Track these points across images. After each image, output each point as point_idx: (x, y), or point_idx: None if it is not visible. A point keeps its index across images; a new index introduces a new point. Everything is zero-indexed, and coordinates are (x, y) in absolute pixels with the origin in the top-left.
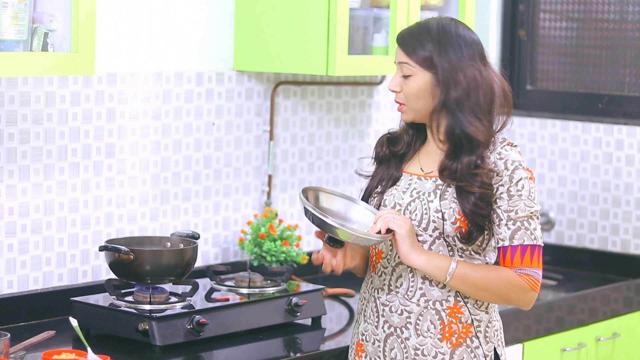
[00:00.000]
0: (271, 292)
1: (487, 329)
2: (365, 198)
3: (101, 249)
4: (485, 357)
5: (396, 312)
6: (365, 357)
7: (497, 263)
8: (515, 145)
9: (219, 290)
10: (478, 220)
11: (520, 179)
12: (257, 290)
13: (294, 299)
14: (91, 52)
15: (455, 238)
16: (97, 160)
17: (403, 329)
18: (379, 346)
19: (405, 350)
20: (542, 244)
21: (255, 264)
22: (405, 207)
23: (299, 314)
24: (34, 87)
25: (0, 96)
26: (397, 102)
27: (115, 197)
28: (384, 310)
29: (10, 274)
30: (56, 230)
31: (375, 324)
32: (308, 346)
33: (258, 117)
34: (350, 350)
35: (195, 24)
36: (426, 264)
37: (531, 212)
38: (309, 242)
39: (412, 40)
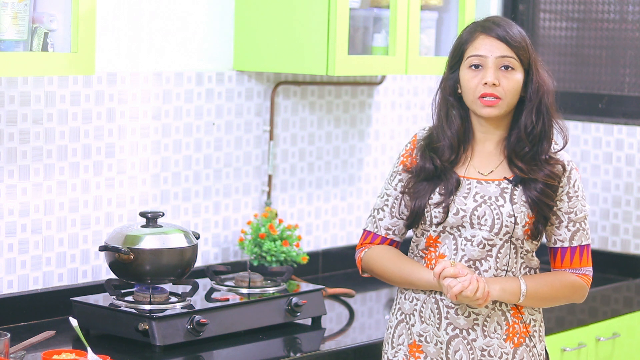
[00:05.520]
0: (271, 292)
1: (540, 328)
2: (418, 218)
3: (101, 249)
4: (539, 356)
5: (463, 314)
6: (425, 358)
7: (548, 262)
8: (557, 143)
9: (219, 290)
10: (544, 210)
11: (576, 179)
12: (257, 290)
13: (294, 299)
14: (91, 52)
15: (523, 240)
16: (97, 160)
17: (470, 330)
18: (441, 348)
19: (471, 352)
20: None
21: (255, 264)
22: (472, 213)
23: (299, 314)
24: (34, 87)
25: (0, 96)
26: (494, 95)
27: (115, 197)
28: (448, 312)
29: (10, 274)
30: (56, 230)
31: (437, 325)
32: (308, 346)
33: (258, 117)
34: (393, 351)
35: (195, 24)
36: (501, 294)
37: (587, 213)
38: (309, 242)
39: (514, 33)
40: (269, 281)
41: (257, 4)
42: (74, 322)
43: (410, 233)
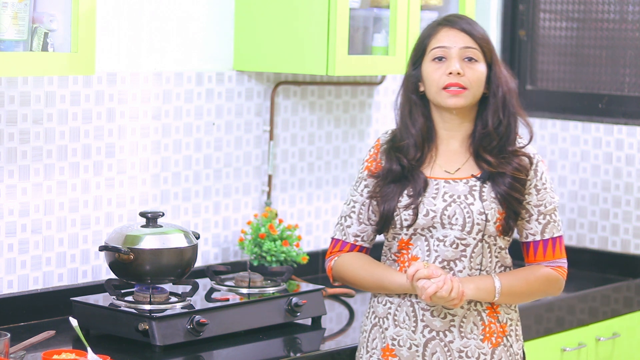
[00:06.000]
0: (271, 292)
1: (516, 327)
2: (388, 222)
3: (101, 248)
4: (517, 356)
5: (439, 315)
6: None
7: (521, 256)
8: (522, 137)
9: (219, 290)
10: (514, 204)
11: (543, 172)
12: (257, 290)
13: (294, 299)
14: (91, 52)
15: (496, 237)
16: (97, 160)
17: (446, 332)
18: (417, 351)
19: (449, 354)
20: None
21: (255, 264)
22: (442, 213)
23: (299, 314)
24: (34, 87)
25: (1, 96)
26: (459, 85)
27: (115, 197)
28: (423, 315)
29: (11, 274)
30: (56, 230)
31: (413, 328)
32: (308, 346)
33: (258, 117)
34: (367, 355)
35: (195, 24)
36: (475, 292)
37: (556, 204)
38: (309, 242)
39: (477, 27)
40: (269, 281)
41: (257, 4)
42: (74, 322)
43: (380, 238)
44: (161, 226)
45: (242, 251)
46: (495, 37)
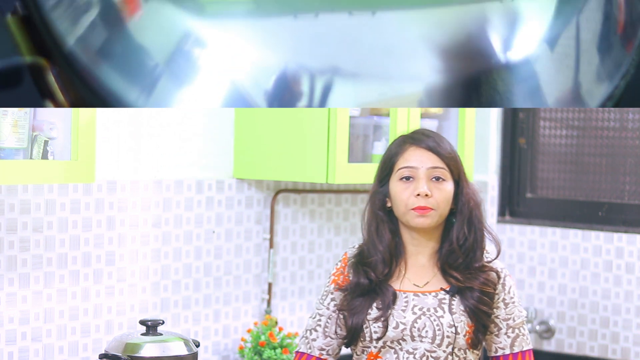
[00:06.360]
0: None
1: None
2: (357, 334)
3: (101, 357)
4: None
5: None
6: None
7: None
8: (489, 252)
9: None
10: (482, 318)
11: (510, 286)
12: None
13: None
14: (91, 160)
15: (466, 350)
16: (97, 268)
17: None
18: None
19: None
20: None
21: None
22: (412, 325)
23: None
24: (34, 195)
25: (1, 204)
26: (427, 208)
27: (115, 305)
28: None
29: None
30: (56, 338)
31: None
32: None
33: (258, 225)
34: None
35: (195, 132)
36: None
37: (524, 318)
38: None
39: (444, 145)
40: None
41: (256, 111)
42: None
43: (346, 351)
44: (161, 334)
45: (242, 359)
46: (495, 144)
